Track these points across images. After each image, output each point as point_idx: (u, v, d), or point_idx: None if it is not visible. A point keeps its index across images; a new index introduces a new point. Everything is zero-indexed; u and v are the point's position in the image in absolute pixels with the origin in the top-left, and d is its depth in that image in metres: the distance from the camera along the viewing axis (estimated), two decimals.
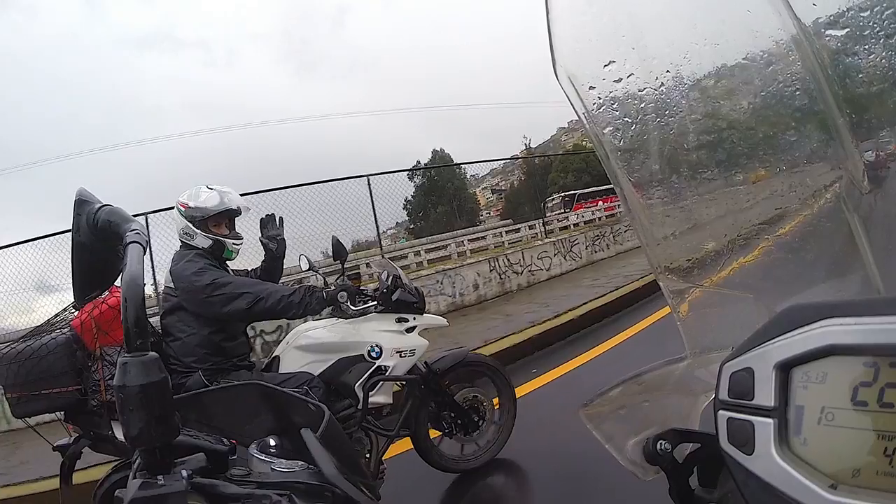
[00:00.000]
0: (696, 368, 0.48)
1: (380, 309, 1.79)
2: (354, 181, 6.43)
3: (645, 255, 0.50)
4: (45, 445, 1.53)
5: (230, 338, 1.76)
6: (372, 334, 1.77)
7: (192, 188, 1.78)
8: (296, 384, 1.64)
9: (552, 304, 4.88)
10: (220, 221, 1.78)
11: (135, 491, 0.38)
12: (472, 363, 2.02)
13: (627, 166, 0.48)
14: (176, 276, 1.69)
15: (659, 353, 0.51)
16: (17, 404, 1.46)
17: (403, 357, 1.79)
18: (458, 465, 1.97)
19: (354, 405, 1.73)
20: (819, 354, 0.32)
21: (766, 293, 0.45)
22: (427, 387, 1.87)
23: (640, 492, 0.60)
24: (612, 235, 8.70)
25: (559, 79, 0.45)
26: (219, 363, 1.70)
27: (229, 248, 1.79)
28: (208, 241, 1.74)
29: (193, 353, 1.67)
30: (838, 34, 0.42)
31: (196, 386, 1.62)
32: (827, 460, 0.31)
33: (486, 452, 2.00)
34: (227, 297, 1.62)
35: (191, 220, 1.73)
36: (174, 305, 1.71)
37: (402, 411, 1.84)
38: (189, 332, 1.68)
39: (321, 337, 1.79)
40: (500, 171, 33.90)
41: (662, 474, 0.45)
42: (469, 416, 1.96)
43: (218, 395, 0.61)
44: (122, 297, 0.40)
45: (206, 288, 1.63)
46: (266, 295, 1.62)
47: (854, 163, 0.42)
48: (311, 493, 0.44)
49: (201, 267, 1.68)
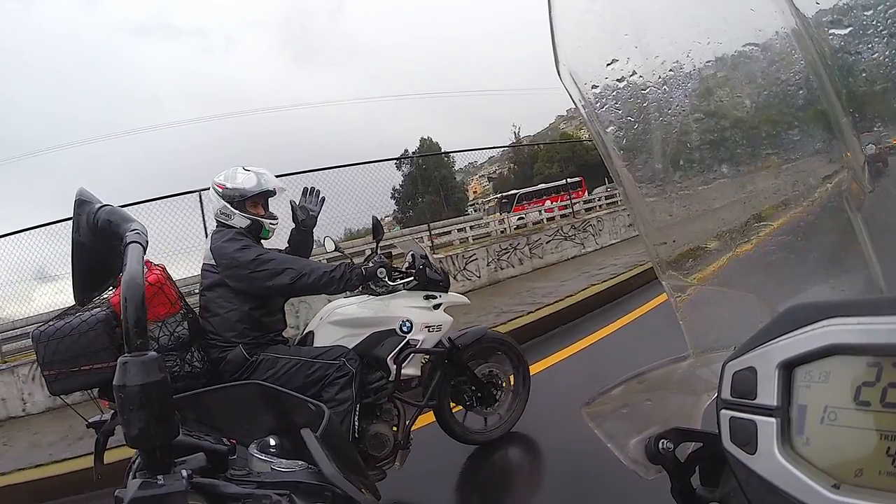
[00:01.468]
0: (698, 367, 0.48)
1: (412, 285, 1.87)
2: (346, 169, 6.28)
3: (647, 253, 0.49)
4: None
5: (269, 313, 1.82)
6: (403, 310, 1.86)
7: (228, 170, 1.83)
8: (333, 356, 1.71)
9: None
10: (257, 202, 1.83)
11: (135, 490, 0.38)
12: (490, 340, 2.13)
13: (630, 165, 0.48)
14: (218, 254, 1.74)
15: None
16: (54, 381, 1.47)
17: (431, 332, 1.88)
18: (478, 437, 2.08)
19: (386, 377, 1.81)
20: (822, 354, 0.32)
21: (769, 292, 0.45)
22: (450, 361, 1.96)
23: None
24: (527, 248, 6.64)
25: (561, 77, 0.44)
26: (258, 338, 1.75)
27: (266, 227, 1.84)
28: (246, 220, 1.79)
29: (234, 328, 1.72)
30: (841, 32, 0.42)
31: (237, 360, 1.67)
32: (829, 460, 0.31)
33: (504, 425, 2.11)
34: (270, 273, 1.68)
35: (229, 200, 1.78)
36: (214, 282, 1.76)
37: (430, 384, 1.93)
38: (229, 307, 1.73)
39: (354, 313, 1.86)
40: (498, 159, 33.62)
41: (664, 473, 0.44)
42: (488, 389, 2.07)
43: (218, 394, 0.61)
44: (122, 297, 0.40)
45: (250, 264, 1.68)
46: (309, 271, 1.69)
47: (857, 161, 0.42)
48: (311, 492, 0.44)
49: (245, 244, 1.73)
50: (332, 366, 1.70)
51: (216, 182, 1.81)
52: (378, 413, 1.82)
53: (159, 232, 5.23)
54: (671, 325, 0.50)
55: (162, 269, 1.63)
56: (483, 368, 2.10)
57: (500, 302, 4.80)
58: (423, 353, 1.88)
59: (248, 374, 1.69)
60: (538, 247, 6.81)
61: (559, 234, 7.19)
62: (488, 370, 2.11)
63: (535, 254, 6.77)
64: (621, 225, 8.12)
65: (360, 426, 1.72)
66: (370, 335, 1.82)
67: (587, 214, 8.85)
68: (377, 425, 1.78)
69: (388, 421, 1.82)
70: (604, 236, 7.77)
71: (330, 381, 1.69)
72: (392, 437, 1.79)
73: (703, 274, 0.48)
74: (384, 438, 1.77)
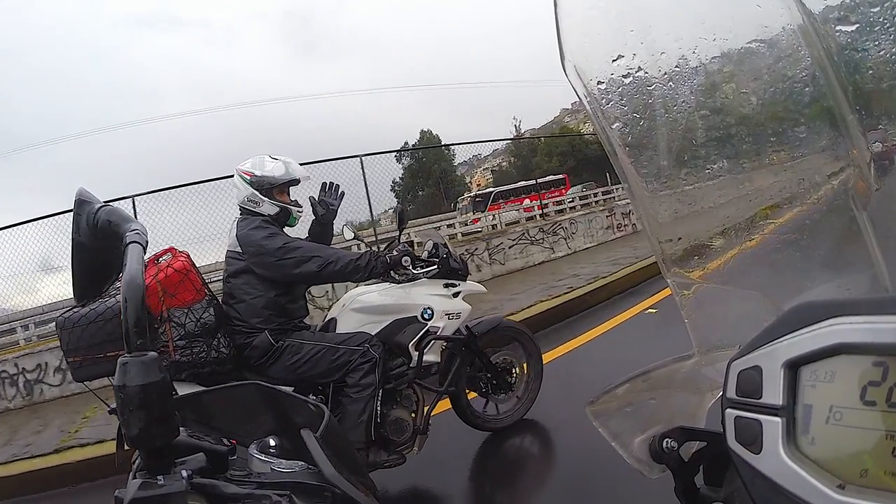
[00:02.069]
0: (703, 366, 0.47)
1: (432, 273, 1.91)
2: (346, 161, 6.19)
3: (653, 251, 0.49)
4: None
5: (293, 300, 1.85)
6: (424, 298, 1.90)
7: (254, 158, 1.85)
8: (357, 342, 1.74)
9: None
10: (284, 190, 1.87)
11: (135, 491, 0.37)
12: (505, 328, 2.19)
13: (635, 161, 0.47)
14: (244, 241, 1.76)
15: None
16: (78, 368, 1.48)
17: (451, 319, 1.92)
18: (493, 423, 2.13)
19: (407, 363, 1.85)
20: (827, 353, 0.32)
21: (774, 291, 0.44)
22: (467, 348, 2.01)
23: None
24: (487, 253, 6.09)
25: (567, 73, 0.44)
26: (283, 324, 1.78)
27: (294, 215, 1.88)
28: (275, 208, 1.82)
29: (259, 314, 1.74)
30: (848, 29, 0.42)
31: (263, 345, 1.69)
32: (835, 460, 0.31)
33: (518, 411, 2.16)
34: (298, 260, 1.71)
35: (257, 188, 1.80)
36: (240, 269, 1.78)
37: (449, 370, 1.97)
38: (255, 293, 1.75)
39: (376, 300, 1.89)
40: (502, 151, 33.38)
41: (668, 472, 0.44)
42: (503, 377, 2.12)
43: (218, 395, 0.60)
44: (122, 298, 0.40)
45: (277, 251, 1.71)
46: (335, 259, 1.72)
47: (863, 159, 0.42)
48: (311, 492, 0.44)
49: (272, 232, 1.76)
50: (357, 352, 1.73)
51: (242, 170, 1.82)
52: (398, 399, 1.85)
53: (170, 221, 5.28)
54: (626, 351, 0.50)
55: (186, 257, 1.65)
56: (498, 356, 2.14)
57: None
58: (444, 340, 1.92)
59: (274, 360, 1.71)
60: (500, 252, 6.27)
61: (525, 237, 6.58)
62: (502, 358, 2.15)
63: (497, 259, 6.22)
64: (598, 227, 7.70)
65: (381, 411, 1.75)
66: (392, 322, 1.85)
67: (559, 216, 8.24)
68: (397, 411, 1.81)
69: (408, 407, 1.85)
70: (577, 239, 7.27)
71: (354, 367, 1.71)
72: (411, 423, 1.82)
73: (707, 271, 0.48)
74: (404, 424, 1.80)
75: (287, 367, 1.71)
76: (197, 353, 1.58)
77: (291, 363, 1.71)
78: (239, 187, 1.83)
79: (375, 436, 1.72)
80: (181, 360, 1.56)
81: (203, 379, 1.63)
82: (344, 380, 1.72)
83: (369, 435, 1.69)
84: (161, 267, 1.59)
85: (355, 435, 1.67)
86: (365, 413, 1.68)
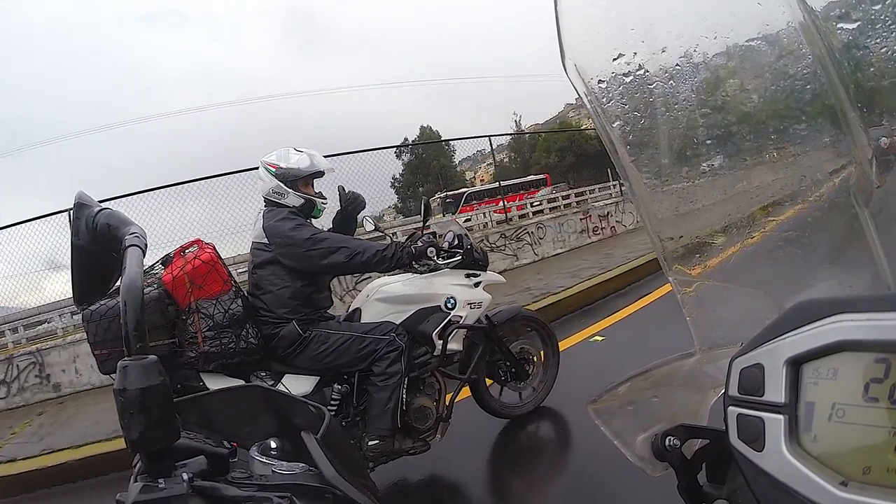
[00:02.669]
0: (705, 364, 0.47)
1: (454, 264, 1.94)
2: (345, 157, 6.05)
3: (654, 249, 0.49)
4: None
5: (319, 290, 1.87)
6: (447, 287, 1.92)
7: (279, 150, 1.86)
8: (383, 332, 1.77)
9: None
10: (309, 182, 1.88)
11: (136, 494, 0.37)
12: (523, 317, 2.22)
13: (636, 160, 0.47)
14: (271, 232, 1.77)
15: None
16: (105, 360, 1.48)
17: (473, 309, 1.94)
18: (512, 411, 2.16)
19: (430, 352, 1.88)
20: (830, 350, 0.32)
21: (776, 288, 0.44)
22: (488, 337, 2.03)
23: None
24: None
25: (567, 72, 0.44)
26: (309, 314, 1.80)
27: (319, 206, 1.89)
28: (300, 199, 1.83)
29: (286, 304, 1.75)
30: (849, 26, 0.42)
31: (291, 335, 1.70)
32: (837, 457, 0.31)
33: (535, 399, 2.19)
34: (326, 251, 1.72)
35: (282, 179, 1.81)
36: (266, 260, 1.78)
37: (471, 358, 2.00)
38: (282, 284, 1.76)
39: (400, 290, 1.92)
40: (506, 146, 33.20)
41: (671, 470, 0.44)
42: (521, 365, 2.15)
43: (218, 397, 0.60)
44: (122, 301, 0.39)
45: (305, 242, 1.72)
46: (362, 249, 1.74)
47: (864, 156, 0.42)
48: (312, 494, 0.44)
49: (299, 223, 1.77)
50: (383, 340, 1.74)
51: (268, 162, 1.83)
52: (421, 387, 1.88)
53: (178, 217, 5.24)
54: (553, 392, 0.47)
55: (213, 248, 1.66)
56: (516, 345, 2.17)
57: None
58: (466, 328, 1.94)
59: (301, 350, 1.72)
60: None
61: (485, 244, 5.99)
62: (520, 347, 2.18)
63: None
64: (571, 231, 7.04)
65: (405, 399, 1.77)
66: (416, 311, 1.87)
67: (524, 220, 7.48)
68: (421, 399, 1.84)
69: (431, 395, 1.88)
70: (545, 245, 6.68)
71: (381, 356, 1.73)
72: (434, 410, 1.84)
73: (709, 269, 0.48)
74: (427, 411, 1.82)
75: (314, 356, 1.72)
76: (226, 344, 1.58)
77: (319, 353, 1.72)
78: (264, 179, 1.84)
79: (401, 423, 1.74)
80: (210, 350, 1.57)
81: (231, 370, 1.65)
82: (370, 368, 1.74)
83: (395, 422, 1.71)
84: (188, 258, 1.60)
85: (382, 423, 1.70)
86: (391, 401, 1.70)
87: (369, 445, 1.70)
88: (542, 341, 2.25)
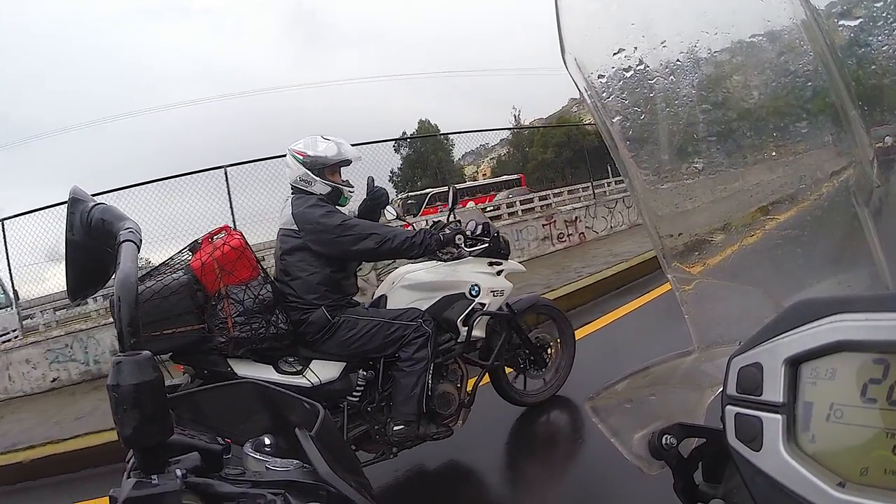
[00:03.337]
0: (703, 362, 0.47)
1: (477, 252, 1.96)
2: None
3: (653, 246, 0.49)
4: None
5: (347, 276, 1.90)
6: (471, 275, 1.96)
7: (307, 138, 1.89)
8: (410, 318, 1.79)
9: None
10: (336, 170, 1.90)
11: (129, 490, 0.37)
12: (542, 306, 2.28)
13: (636, 155, 0.47)
14: (301, 219, 1.79)
15: None
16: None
17: (496, 296, 1.98)
18: (530, 398, 2.21)
19: (454, 338, 1.91)
20: (828, 350, 0.31)
21: (775, 287, 0.44)
22: (509, 324, 2.07)
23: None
24: (374, 272, 4.75)
25: (567, 66, 0.43)
26: (337, 300, 1.82)
27: (345, 194, 1.91)
28: (327, 187, 1.85)
29: (315, 290, 1.77)
30: (851, 24, 0.41)
31: (320, 321, 1.72)
32: (835, 458, 0.31)
33: (552, 387, 2.24)
34: (356, 237, 1.75)
35: (310, 168, 1.83)
36: (295, 246, 1.80)
37: (492, 345, 2.03)
38: (311, 270, 1.78)
39: (426, 277, 1.95)
40: (509, 141, 33.19)
41: (667, 469, 0.44)
42: (539, 353, 2.20)
43: (212, 393, 0.60)
44: (115, 296, 0.39)
45: (336, 228, 1.75)
46: (392, 236, 1.77)
47: (865, 155, 0.41)
48: (306, 491, 0.44)
49: (329, 210, 1.80)
50: (411, 326, 1.76)
51: (295, 150, 1.86)
52: (444, 373, 1.89)
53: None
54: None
55: (241, 235, 1.67)
56: (534, 334, 2.21)
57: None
58: (489, 316, 1.96)
59: (330, 335, 1.74)
60: (391, 271, 5.05)
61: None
62: (539, 335, 2.22)
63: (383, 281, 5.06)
64: (531, 238, 6.47)
65: (430, 385, 1.79)
66: (441, 298, 1.90)
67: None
68: (444, 385, 1.86)
69: (454, 381, 1.90)
70: None
71: (408, 341, 1.75)
72: (457, 396, 1.86)
73: (708, 267, 0.48)
74: (451, 397, 1.84)
75: (342, 342, 1.73)
76: (256, 330, 1.59)
77: (347, 338, 1.73)
78: (291, 167, 1.86)
79: (426, 409, 1.76)
80: (241, 336, 1.57)
81: (259, 355, 1.66)
82: (397, 354, 1.75)
83: (420, 408, 1.73)
84: (217, 245, 1.61)
85: (407, 408, 1.71)
86: (417, 386, 1.72)
87: (394, 430, 1.72)
88: (558, 330, 2.28)
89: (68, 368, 4.28)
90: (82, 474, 2.49)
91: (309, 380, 1.68)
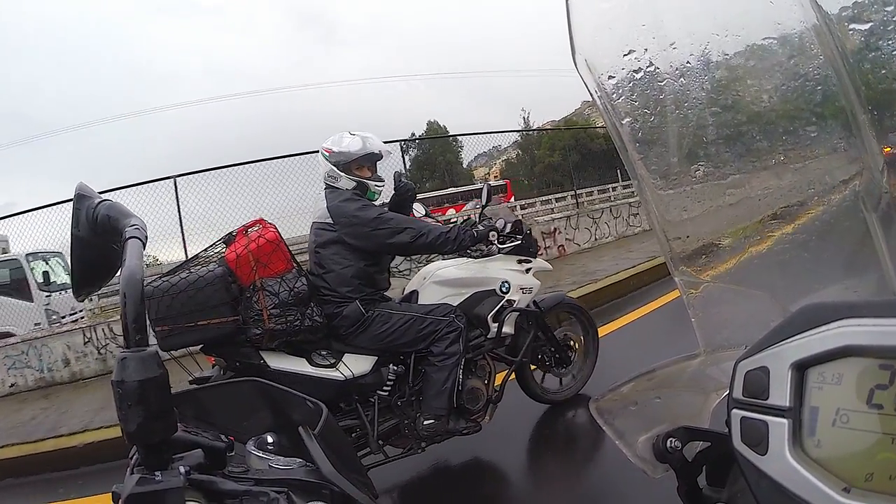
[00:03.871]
0: (708, 366, 0.47)
1: (507, 250, 1.95)
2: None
3: (661, 250, 0.49)
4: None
5: (381, 270, 1.90)
6: (501, 272, 1.96)
7: (335, 135, 1.89)
8: (442, 313, 1.80)
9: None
10: (363, 165, 1.89)
11: (132, 486, 0.37)
12: (567, 304, 2.29)
13: (645, 158, 0.47)
14: (336, 212, 1.80)
15: None
16: (167, 337, 1.49)
17: (525, 293, 1.99)
18: (554, 396, 2.21)
19: (484, 334, 1.92)
20: (835, 355, 0.31)
21: (782, 291, 0.44)
22: (536, 322, 2.08)
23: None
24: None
25: (578, 67, 0.43)
26: (371, 294, 1.83)
27: (372, 189, 1.90)
28: (352, 182, 1.85)
29: (349, 283, 1.78)
30: (861, 28, 0.41)
31: (354, 315, 1.73)
32: (840, 463, 0.31)
33: (576, 385, 2.24)
34: (392, 231, 1.76)
35: (335, 163, 1.84)
36: (330, 239, 1.81)
37: (520, 342, 2.04)
38: (346, 263, 1.79)
39: (457, 273, 1.95)
40: (520, 143, 33.23)
41: (671, 472, 0.44)
42: (564, 351, 2.20)
43: (216, 391, 0.60)
44: (121, 293, 0.39)
45: (371, 222, 1.75)
46: (427, 231, 1.78)
47: (874, 160, 0.41)
48: (309, 489, 0.44)
49: (364, 203, 1.81)
50: (443, 321, 1.77)
51: (324, 147, 1.87)
52: (473, 369, 1.90)
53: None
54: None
55: (275, 228, 1.67)
56: (559, 332, 2.21)
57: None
58: (519, 312, 1.98)
59: (363, 329, 1.74)
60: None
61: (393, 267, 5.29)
62: (563, 333, 2.23)
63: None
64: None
65: (460, 380, 1.79)
66: (472, 294, 1.91)
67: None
68: (473, 380, 1.86)
69: (482, 377, 1.91)
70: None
71: (440, 336, 1.75)
72: (485, 392, 1.87)
73: (716, 271, 0.48)
74: (479, 393, 1.85)
75: (375, 336, 1.74)
76: (291, 322, 1.59)
77: (380, 332, 1.74)
78: (321, 164, 1.88)
79: (455, 404, 1.77)
80: (276, 328, 1.58)
81: (293, 348, 1.66)
82: (429, 349, 1.76)
83: (451, 403, 1.74)
84: (252, 237, 1.62)
85: (438, 402, 1.72)
86: (448, 381, 1.72)
87: (424, 425, 1.72)
88: (582, 329, 2.29)
89: (24, 375, 4.29)
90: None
91: (342, 373, 1.68)
